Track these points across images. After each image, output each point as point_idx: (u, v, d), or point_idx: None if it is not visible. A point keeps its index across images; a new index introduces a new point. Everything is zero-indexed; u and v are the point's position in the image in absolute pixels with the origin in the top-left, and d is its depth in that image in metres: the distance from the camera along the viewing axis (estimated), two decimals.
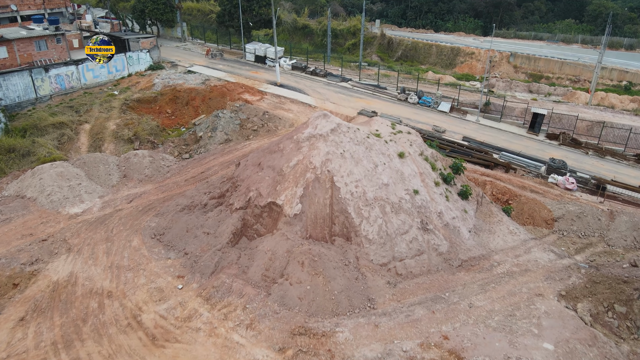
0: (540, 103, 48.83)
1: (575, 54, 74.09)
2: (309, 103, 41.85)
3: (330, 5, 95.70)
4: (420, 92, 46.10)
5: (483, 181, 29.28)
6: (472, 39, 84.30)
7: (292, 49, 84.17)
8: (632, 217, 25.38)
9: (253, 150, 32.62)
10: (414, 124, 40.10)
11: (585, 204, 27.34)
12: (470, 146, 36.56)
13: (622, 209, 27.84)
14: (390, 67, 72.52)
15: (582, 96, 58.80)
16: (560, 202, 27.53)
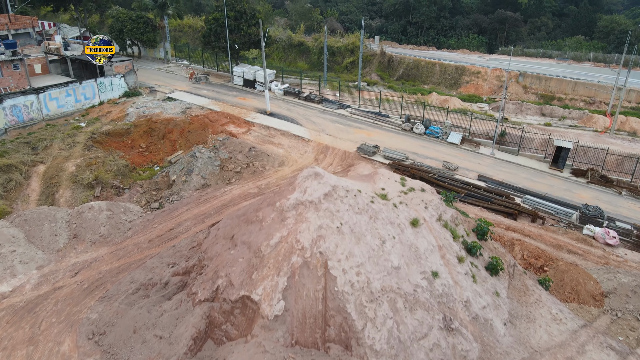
0: (556, 129, 44.00)
1: (588, 73, 69.62)
2: (302, 136, 36.90)
3: (327, 22, 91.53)
4: (427, 121, 41.23)
5: (510, 240, 24.20)
6: (477, 56, 79.91)
7: (288, 66, 79.93)
8: None
9: (234, 198, 27.58)
10: (421, 159, 35.17)
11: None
12: (489, 188, 31.54)
13: None
14: (391, 87, 68.10)
15: (600, 120, 54.09)
16: (608, 270, 22.42)
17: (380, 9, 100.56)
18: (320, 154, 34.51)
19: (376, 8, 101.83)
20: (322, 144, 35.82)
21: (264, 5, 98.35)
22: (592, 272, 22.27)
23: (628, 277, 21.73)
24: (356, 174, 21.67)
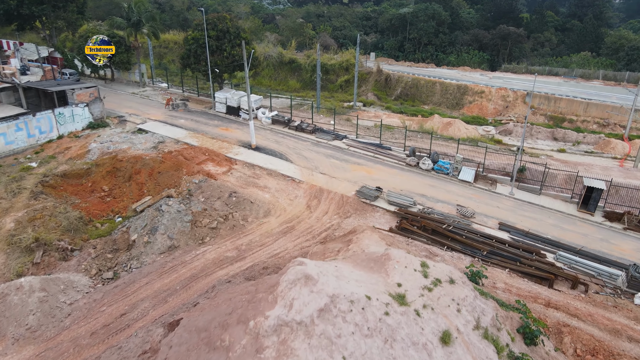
0: (580, 162, 39.16)
1: (600, 92, 65.32)
2: (292, 176, 31.75)
3: (320, 38, 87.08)
4: (435, 154, 36.24)
5: (555, 324, 19.04)
6: (479, 74, 75.58)
7: (278, 85, 75.14)
8: None
9: (208, 265, 22.26)
10: (431, 203, 30.11)
11: None
12: (514, 243, 26.45)
13: None
14: (389, 108, 63.46)
15: (619, 145, 49.57)
16: None
17: (375, 24, 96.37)
18: (314, 200, 29.34)
19: (371, 23, 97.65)
20: (315, 186, 30.67)
21: (253, 21, 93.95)
22: None
23: None
24: (360, 252, 16.52)
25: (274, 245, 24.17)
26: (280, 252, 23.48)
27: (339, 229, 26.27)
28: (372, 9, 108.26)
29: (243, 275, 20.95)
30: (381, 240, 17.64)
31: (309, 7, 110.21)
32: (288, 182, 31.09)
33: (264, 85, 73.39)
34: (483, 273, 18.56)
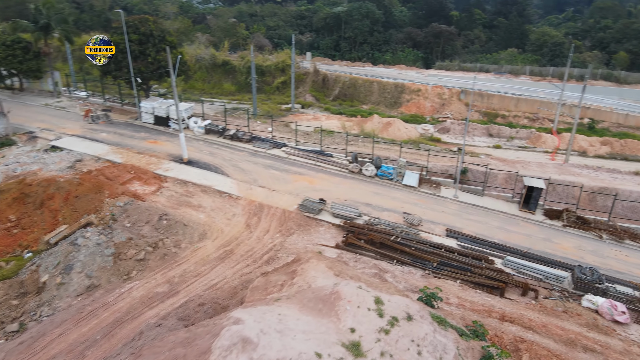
0: (519, 160, 39.72)
1: (528, 87, 67.74)
2: (229, 192, 29.40)
3: (254, 38, 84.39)
4: (378, 159, 35.20)
5: (512, 340, 18.26)
6: (414, 72, 76.22)
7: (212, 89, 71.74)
8: None
9: (135, 306, 19.57)
10: (377, 213, 28.95)
11: None
12: (463, 251, 25.77)
13: None
14: (328, 109, 62.24)
15: (549, 139, 51.25)
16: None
17: (310, 23, 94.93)
18: (253, 217, 27.21)
19: (306, 22, 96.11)
20: (254, 202, 28.53)
21: (182, 21, 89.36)
22: None
23: None
24: (307, 287, 14.66)
25: (211, 274, 21.86)
26: (219, 282, 21.23)
27: (282, 249, 24.39)
28: (306, 7, 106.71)
29: (176, 315, 18.53)
30: (328, 269, 15.97)
31: (241, 7, 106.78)
32: (225, 198, 28.72)
33: (197, 89, 69.75)
34: (437, 295, 17.40)
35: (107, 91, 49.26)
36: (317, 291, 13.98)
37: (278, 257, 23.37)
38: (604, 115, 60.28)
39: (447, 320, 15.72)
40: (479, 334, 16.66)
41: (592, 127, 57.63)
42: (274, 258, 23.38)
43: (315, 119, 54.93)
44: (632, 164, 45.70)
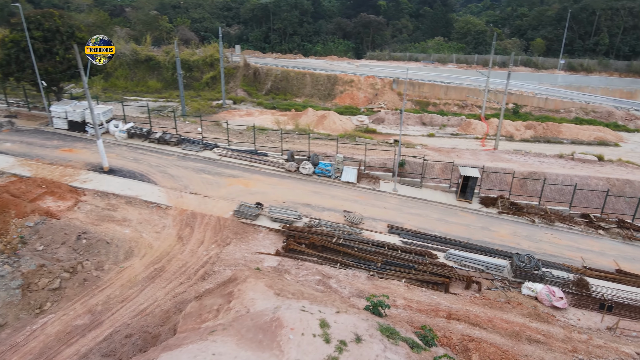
0: (452, 150, 40.32)
1: (456, 75, 69.68)
2: (158, 201, 27.10)
3: (178, 31, 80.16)
4: (315, 156, 34.17)
5: (461, 340, 17.97)
6: (346, 63, 75.98)
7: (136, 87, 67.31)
8: None
9: (50, 345, 17.17)
10: (317, 213, 27.96)
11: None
12: (406, 247, 25.40)
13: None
14: (261, 104, 60.48)
15: (479, 126, 52.89)
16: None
17: (237, 15, 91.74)
18: (186, 228, 25.23)
19: (233, 14, 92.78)
20: (186, 211, 26.50)
21: (98, 14, 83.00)
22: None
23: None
24: (245, 312, 13.22)
25: (140, 297, 19.80)
26: (149, 306, 19.25)
27: (218, 261, 22.71)
28: None
29: (99, 352, 16.48)
30: (268, 288, 14.67)
31: None
32: (153, 209, 26.41)
33: (119, 87, 65.09)
34: (385, 302, 16.64)
35: (12, 95, 44.34)
36: (257, 317, 12.65)
37: (214, 271, 21.70)
38: (526, 100, 63.19)
39: (396, 330, 14.97)
40: (429, 339, 16.10)
41: (516, 112, 60.19)
42: (210, 272, 21.69)
43: (248, 115, 53.04)
44: (554, 146, 48.13)
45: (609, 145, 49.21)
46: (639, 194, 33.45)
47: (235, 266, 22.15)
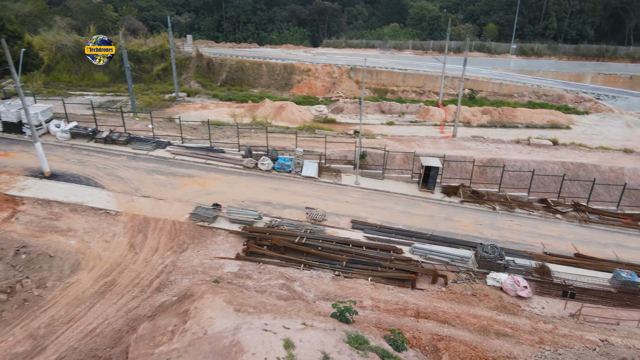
0: (412, 139, 40.07)
1: (412, 62, 69.68)
2: (106, 207, 25.25)
3: (125, 21, 76.12)
4: (274, 151, 33.00)
5: (430, 340, 17.55)
6: (302, 51, 74.59)
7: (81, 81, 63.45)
8: None
9: None
10: (279, 212, 26.96)
11: (588, 353, 17.63)
12: (370, 244, 24.82)
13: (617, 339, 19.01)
14: (216, 96, 58.40)
15: (437, 113, 53.04)
16: (552, 354, 17.32)
17: (187, 3, 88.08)
18: (138, 235, 23.62)
19: (182, 2, 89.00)
20: (138, 216, 24.84)
21: (35, 3, 77.63)
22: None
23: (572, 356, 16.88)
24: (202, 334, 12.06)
25: (89, 316, 18.25)
26: (98, 325, 17.74)
27: (174, 269, 21.35)
28: None
29: None
30: (227, 304, 13.59)
31: None
32: (101, 217, 24.58)
33: (63, 82, 61.03)
34: (352, 308, 15.96)
35: None
36: (215, 341, 11.59)
37: (170, 282, 20.35)
38: (481, 85, 64.03)
39: (365, 339, 14.32)
40: (399, 344, 15.63)
41: (472, 98, 60.89)
42: (166, 283, 20.32)
43: (203, 108, 51.01)
44: (510, 131, 48.91)
45: (561, 128, 50.52)
46: (592, 177, 34.31)
47: (194, 274, 20.89)
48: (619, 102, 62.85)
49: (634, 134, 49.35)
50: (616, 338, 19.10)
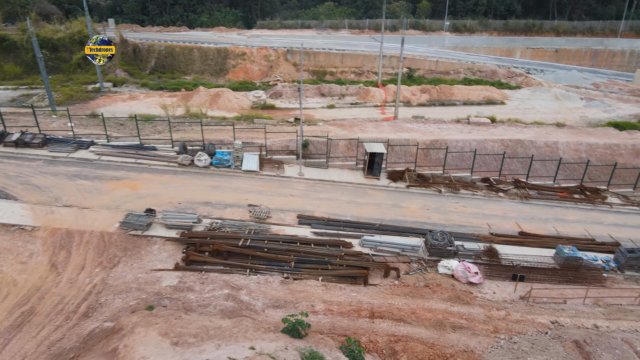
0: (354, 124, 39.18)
1: (349, 42, 68.67)
2: (21, 223, 22.33)
3: (35, 5, 69.15)
4: (211, 145, 30.88)
5: (387, 342, 16.80)
6: (236, 34, 71.38)
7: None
8: (616, 355, 16.54)
9: None
10: (219, 212, 25.24)
11: (541, 338, 17.62)
12: (320, 240, 23.73)
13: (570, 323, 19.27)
14: (146, 85, 54.61)
15: (377, 93, 52.62)
16: (507, 348, 17.15)
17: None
18: (60, 252, 21.07)
19: None
20: (59, 230, 22.19)
21: None
22: (494, 359, 16.69)
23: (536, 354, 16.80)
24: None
25: (3, 355, 15.88)
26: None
27: (105, 288, 19.20)
28: None
29: None
30: (163, 338, 11.96)
31: None
32: (14, 234, 21.70)
33: None
34: (304, 321, 14.81)
35: None
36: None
37: (101, 304, 18.24)
38: (418, 64, 64.22)
39: (320, 355, 13.27)
40: (356, 354, 14.70)
41: (410, 76, 60.94)
42: (95, 306, 18.18)
43: (132, 99, 47.42)
44: (449, 109, 49.38)
45: (496, 103, 51.66)
46: (529, 153, 35.07)
47: (127, 292, 18.87)
48: (547, 75, 65.38)
49: (563, 107, 51.40)
50: (565, 318, 19.35)
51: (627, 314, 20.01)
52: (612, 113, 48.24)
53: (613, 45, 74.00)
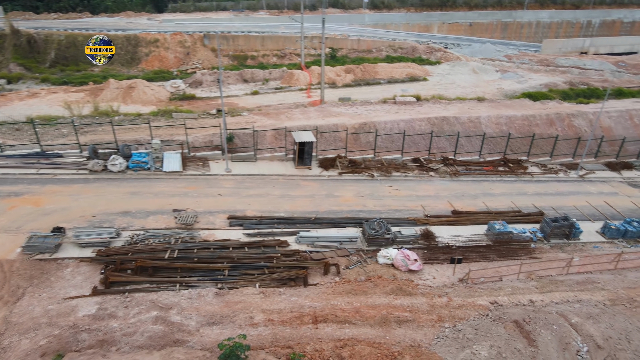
0: (280, 111, 37.67)
1: (269, 23, 66.35)
2: None
3: None
4: (125, 147, 28.08)
5: (333, 349, 15.99)
6: (146, 19, 66.44)
7: None
8: (553, 331, 16.91)
9: None
10: (140, 221, 23.04)
11: (483, 322, 17.65)
12: (254, 242, 22.33)
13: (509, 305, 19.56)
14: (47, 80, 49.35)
15: (302, 76, 51.32)
16: (453, 339, 17.01)
17: None
18: None
19: None
20: None
21: None
22: (438, 349, 16.48)
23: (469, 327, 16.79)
24: None
25: None
26: None
27: (8, 328, 16.62)
28: None
29: None
30: None
31: None
32: None
33: None
34: (243, 343, 13.55)
35: None
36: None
37: (4, 348, 15.75)
38: (341, 43, 63.47)
39: None
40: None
41: (334, 57, 60.10)
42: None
43: (31, 97, 42.49)
44: (374, 88, 49.29)
45: (419, 80, 52.32)
46: (455, 130, 35.62)
47: (36, 330, 16.47)
48: (464, 49, 67.34)
49: (480, 80, 53.13)
50: (503, 297, 19.66)
51: (558, 285, 20.73)
52: (525, 84, 50.52)
53: (520, 17, 77.73)
